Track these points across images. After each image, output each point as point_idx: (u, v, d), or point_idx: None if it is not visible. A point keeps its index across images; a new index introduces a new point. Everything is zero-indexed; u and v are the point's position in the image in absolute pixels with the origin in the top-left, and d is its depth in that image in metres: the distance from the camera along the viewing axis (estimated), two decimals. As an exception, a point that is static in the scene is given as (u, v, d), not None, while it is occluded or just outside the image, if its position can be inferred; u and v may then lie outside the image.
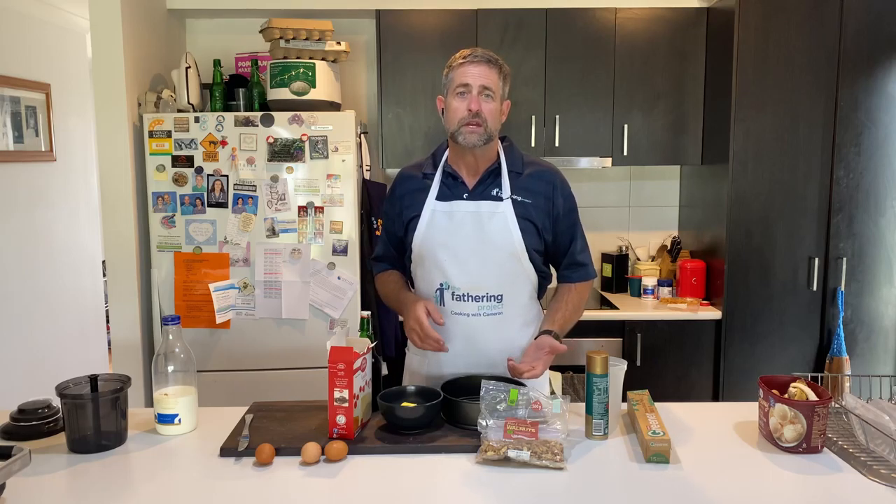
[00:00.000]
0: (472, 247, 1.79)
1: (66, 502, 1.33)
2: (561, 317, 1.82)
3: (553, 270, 1.96)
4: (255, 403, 1.78)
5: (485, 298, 1.80)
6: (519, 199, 1.79)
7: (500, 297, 1.81)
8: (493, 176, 1.82)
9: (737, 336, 3.03)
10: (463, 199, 1.81)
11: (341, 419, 1.54)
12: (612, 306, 3.17)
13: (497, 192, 1.80)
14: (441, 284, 1.82)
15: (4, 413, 1.67)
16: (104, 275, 3.89)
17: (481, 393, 1.57)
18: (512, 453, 1.42)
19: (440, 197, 1.83)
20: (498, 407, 1.55)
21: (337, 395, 1.54)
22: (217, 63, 2.98)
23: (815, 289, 3.00)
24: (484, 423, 1.52)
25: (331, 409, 1.55)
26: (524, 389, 1.58)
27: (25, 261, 3.48)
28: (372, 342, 1.73)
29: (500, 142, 1.86)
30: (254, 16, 3.28)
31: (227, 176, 2.80)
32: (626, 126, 3.19)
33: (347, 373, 1.54)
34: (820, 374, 1.86)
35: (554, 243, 1.86)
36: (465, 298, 1.80)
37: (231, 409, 1.76)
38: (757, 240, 3.01)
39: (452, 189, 1.83)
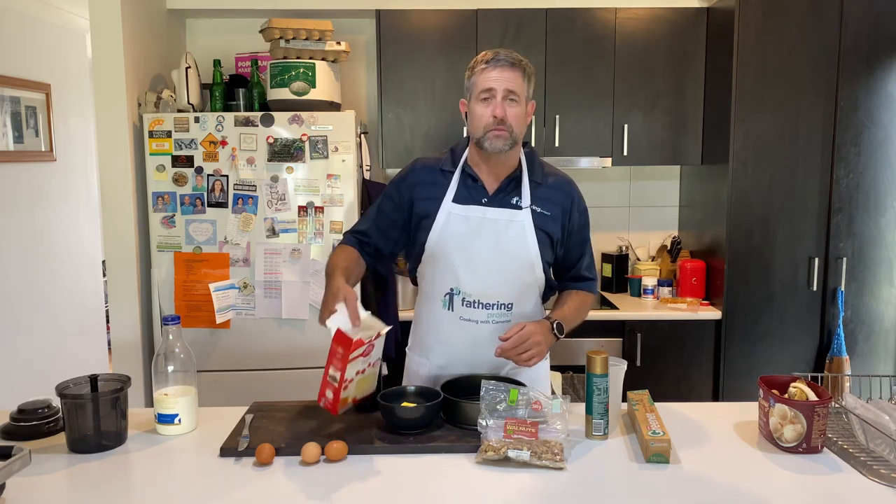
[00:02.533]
0: (487, 254, 1.76)
1: (66, 502, 1.33)
2: (563, 312, 1.80)
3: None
4: (255, 403, 1.78)
5: (495, 306, 1.78)
6: (538, 209, 1.77)
7: (510, 306, 1.79)
8: (513, 183, 1.79)
9: (737, 336, 3.03)
10: (482, 204, 1.77)
11: (329, 394, 1.56)
12: (612, 306, 3.17)
13: (517, 201, 1.77)
14: (451, 289, 1.79)
15: (4, 413, 1.67)
16: (104, 275, 3.89)
17: (481, 393, 1.57)
18: (512, 453, 1.42)
19: (457, 199, 1.78)
20: (498, 407, 1.55)
21: (331, 372, 1.55)
22: (217, 63, 2.98)
23: (815, 289, 3.00)
24: (484, 423, 1.52)
25: (323, 381, 1.57)
26: (524, 389, 1.58)
27: (25, 261, 3.48)
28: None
29: (521, 147, 1.83)
30: (254, 16, 3.28)
31: (227, 176, 2.81)
32: (626, 126, 3.19)
33: (344, 359, 1.53)
34: (820, 374, 1.86)
35: (564, 255, 1.84)
36: (476, 305, 1.78)
37: (231, 409, 1.76)
38: (757, 240, 3.00)
39: (472, 192, 1.78)
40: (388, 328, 1.62)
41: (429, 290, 1.86)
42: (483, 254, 1.76)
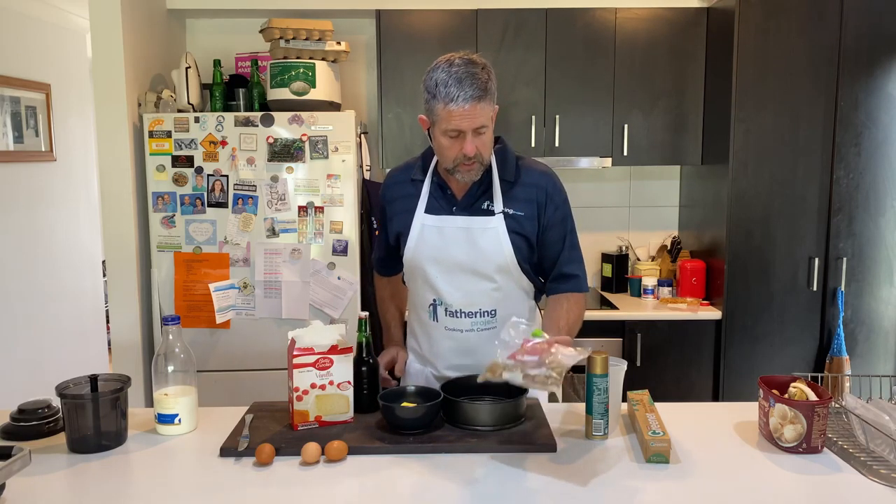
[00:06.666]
0: (462, 263, 1.74)
1: (66, 502, 1.33)
2: (565, 324, 1.72)
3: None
4: (255, 403, 1.77)
5: (478, 314, 1.77)
6: (511, 212, 1.73)
7: (493, 312, 1.77)
8: (483, 186, 1.74)
9: (737, 336, 3.03)
10: (452, 213, 1.75)
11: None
12: (612, 306, 3.17)
13: (488, 206, 1.73)
14: (434, 300, 1.79)
15: (4, 413, 1.67)
16: (104, 275, 3.89)
17: (504, 329, 1.50)
18: (507, 375, 1.41)
19: (429, 210, 1.77)
20: (510, 342, 1.49)
21: (289, 383, 1.61)
22: (217, 63, 2.99)
23: (815, 289, 3.00)
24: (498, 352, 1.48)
25: (289, 394, 1.62)
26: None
27: (25, 261, 3.48)
28: (368, 343, 1.72)
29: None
30: (254, 16, 3.28)
31: (227, 176, 2.81)
32: (626, 126, 3.19)
33: (289, 366, 1.60)
34: (820, 374, 1.85)
35: (542, 253, 1.78)
36: (459, 315, 1.77)
37: (231, 409, 1.76)
38: (757, 240, 3.00)
39: (441, 201, 1.76)
40: (350, 346, 1.65)
41: (415, 301, 1.87)
42: (460, 263, 1.74)
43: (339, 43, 2.98)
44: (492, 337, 1.74)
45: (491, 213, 1.73)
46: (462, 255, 1.74)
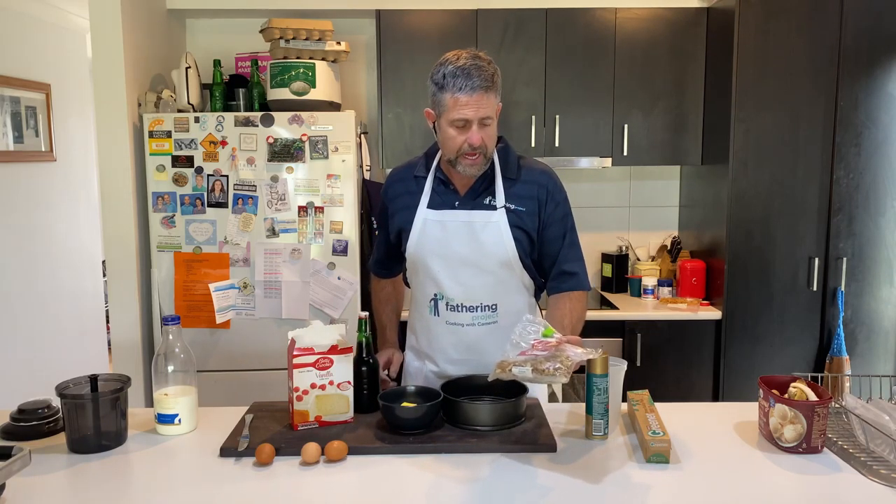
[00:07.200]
0: (464, 257, 1.75)
1: (66, 502, 1.33)
2: (569, 323, 1.73)
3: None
4: (255, 403, 1.77)
5: (479, 308, 1.78)
6: (512, 207, 1.75)
7: (494, 307, 1.78)
8: (486, 182, 1.76)
9: (737, 336, 3.03)
10: (455, 207, 1.77)
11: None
12: (612, 306, 3.17)
13: (490, 201, 1.76)
14: (435, 295, 1.80)
15: (4, 413, 1.67)
16: (104, 275, 3.89)
17: (515, 328, 1.53)
18: (516, 370, 1.41)
19: (431, 205, 1.78)
20: (522, 344, 1.50)
21: (289, 383, 1.61)
22: (217, 63, 2.99)
23: (815, 289, 3.00)
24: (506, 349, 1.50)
25: (289, 394, 1.62)
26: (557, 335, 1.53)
27: (25, 261, 3.48)
28: (368, 343, 1.72)
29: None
30: (254, 16, 3.28)
31: (227, 176, 2.81)
32: (626, 126, 3.19)
33: (289, 366, 1.60)
34: (820, 374, 1.85)
35: (542, 250, 1.79)
36: (460, 309, 1.78)
37: (231, 409, 1.76)
38: (757, 240, 3.00)
39: (443, 196, 1.78)
40: (350, 346, 1.64)
41: (416, 297, 1.88)
42: (462, 257, 1.76)
43: (339, 43, 2.98)
44: (492, 332, 1.78)
45: (493, 207, 1.75)
46: (464, 249, 1.76)
